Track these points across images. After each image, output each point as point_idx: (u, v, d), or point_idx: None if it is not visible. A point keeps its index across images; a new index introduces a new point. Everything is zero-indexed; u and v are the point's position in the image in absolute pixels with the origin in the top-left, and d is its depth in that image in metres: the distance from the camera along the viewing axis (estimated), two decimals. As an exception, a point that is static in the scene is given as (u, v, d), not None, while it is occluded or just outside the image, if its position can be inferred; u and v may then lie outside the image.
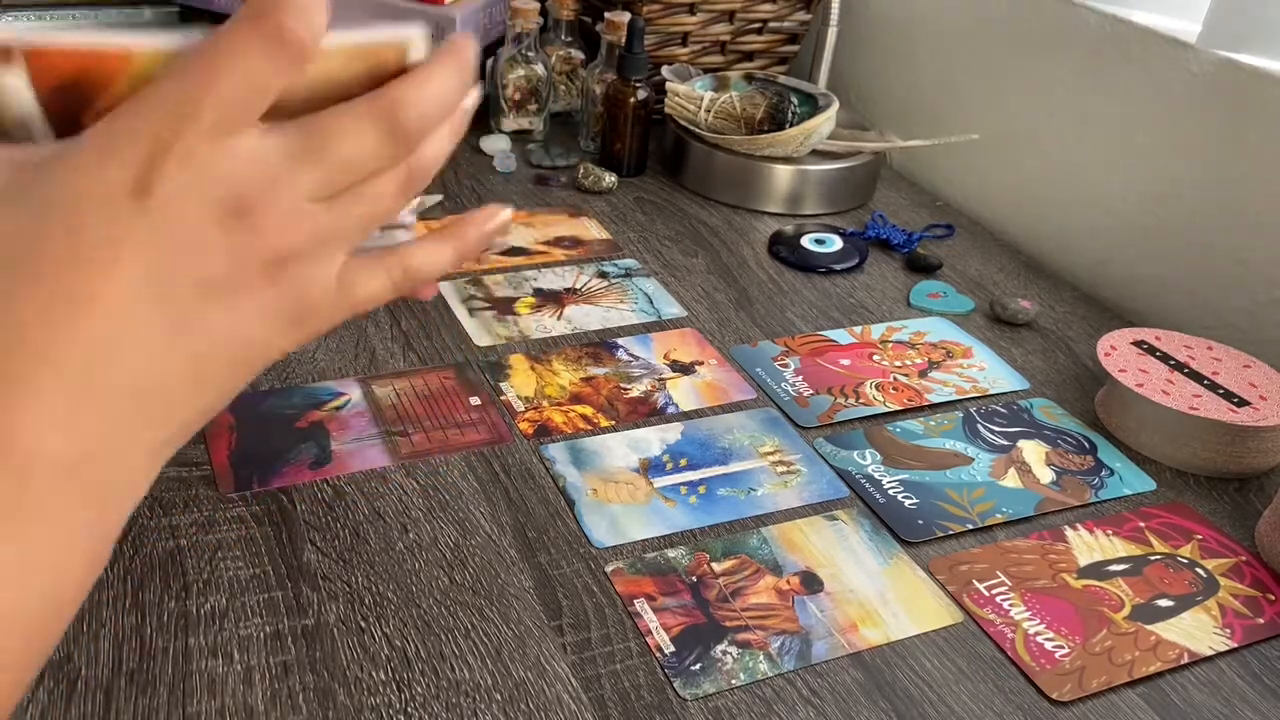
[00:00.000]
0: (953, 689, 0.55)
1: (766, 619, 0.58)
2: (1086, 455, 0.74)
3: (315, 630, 0.54)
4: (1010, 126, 1.08)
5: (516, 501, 0.64)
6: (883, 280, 0.95)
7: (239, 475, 0.64)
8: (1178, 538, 0.67)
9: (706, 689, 0.53)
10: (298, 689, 0.51)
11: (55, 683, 0.50)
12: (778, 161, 1.05)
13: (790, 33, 1.22)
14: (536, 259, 0.93)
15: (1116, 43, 0.95)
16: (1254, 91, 0.85)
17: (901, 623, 0.58)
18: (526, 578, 0.59)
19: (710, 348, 0.82)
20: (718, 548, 0.62)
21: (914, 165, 1.21)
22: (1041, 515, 0.68)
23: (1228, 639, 0.59)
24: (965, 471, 0.71)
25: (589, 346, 0.81)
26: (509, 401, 0.73)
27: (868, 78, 1.27)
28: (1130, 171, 0.96)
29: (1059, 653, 0.57)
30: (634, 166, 1.10)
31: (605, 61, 1.10)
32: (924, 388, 0.79)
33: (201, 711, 0.50)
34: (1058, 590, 0.61)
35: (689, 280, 0.92)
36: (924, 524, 0.66)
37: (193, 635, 0.53)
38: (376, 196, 0.36)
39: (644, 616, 0.57)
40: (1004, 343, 0.87)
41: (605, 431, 0.71)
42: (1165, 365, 0.77)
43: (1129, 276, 0.97)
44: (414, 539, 0.61)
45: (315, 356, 0.76)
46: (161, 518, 0.60)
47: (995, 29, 1.08)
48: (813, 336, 0.85)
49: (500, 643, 0.55)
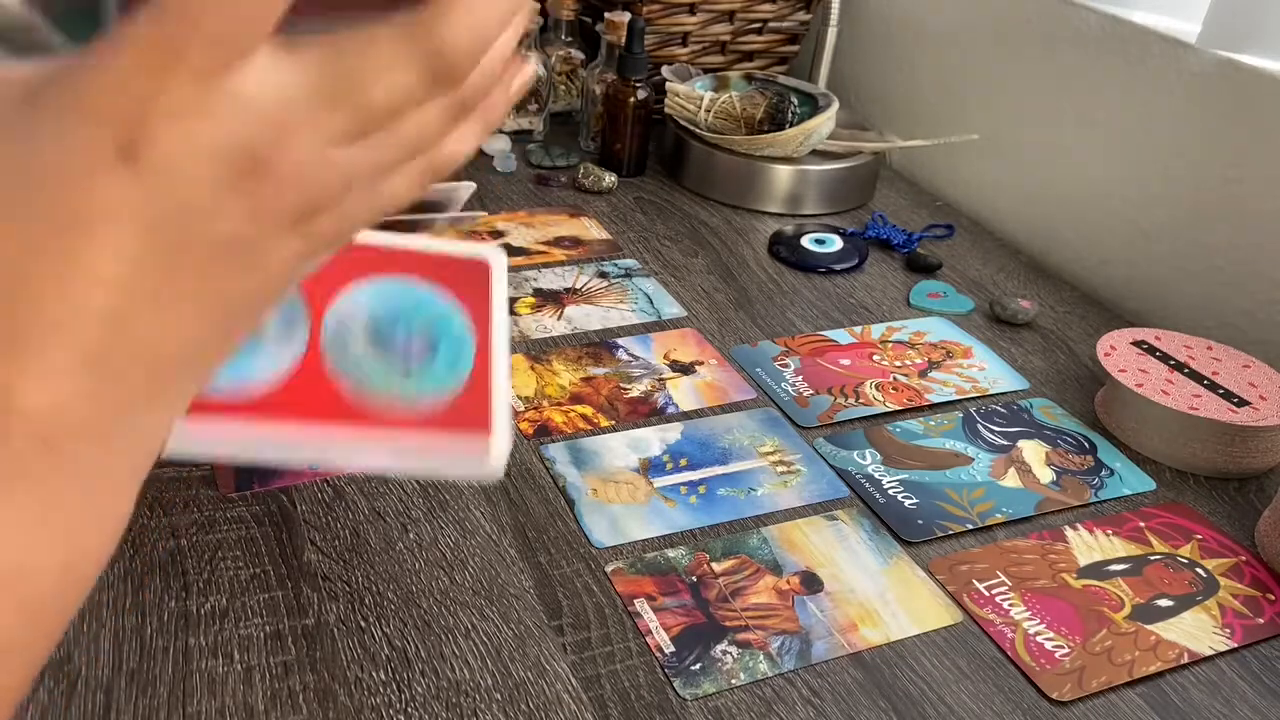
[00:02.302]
0: (953, 689, 0.55)
1: (766, 619, 0.58)
2: (1086, 455, 0.74)
3: (315, 630, 0.54)
4: (1010, 126, 1.08)
5: (516, 501, 0.64)
6: (883, 280, 0.95)
7: (239, 475, 0.64)
8: (1178, 538, 0.67)
9: (706, 689, 0.53)
10: (298, 689, 0.51)
11: (55, 682, 0.50)
12: (778, 161, 1.05)
13: (790, 33, 1.22)
14: (536, 259, 0.93)
15: (1116, 43, 0.95)
16: (1254, 91, 0.85)
17: (901, 623, 0.58)
18: (526, 578, 0.59)
19: (710, 348, 0.82)
20: (718, 548, 0.62)
21: (914, 165, 1.21)
22: (1041, 515, 0.68)
23: (1228, 639, 0.59)
24: (965, 471, 0.71)
25: (589, 346, 0.81)
26: (509, 401, 0.73)
27: (868, 78, 1.27)
28: (1130, 171, 0.96)
29: (1059, 653, 0.57)
30: (634, 166, 1.10)
31: (605, 61, 1.10)
32: (924, 388, 0.79)
33: (201, 711, 0.50)
34: (1058, 590, 0.61)
35: (689, 280, 0.92)
36: (924, 524, 0.66)
37: (193, 635, 0.53)
38: (422, 127, 0.30)
39: (644, 616, 0.57)
40: (1004, 343, 0.87)
41: (605, 431, 0.71)
42: (1165, 365, 0.77)
43: (1129, 276, 0.97)
44: (414, 539, 0.61)
45: (315, 356, 0.76)
46: (161, 518, 0.60)
47: (995, 29, 1.08)
48: (813, 336, 0.85)
49: (500, 643, 0.55)
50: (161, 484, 0.62)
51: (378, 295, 0.49)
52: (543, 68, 1.12)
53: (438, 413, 0.46)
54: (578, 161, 1.10)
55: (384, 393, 0.47)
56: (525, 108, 1.14)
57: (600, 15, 1.12)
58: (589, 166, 1.06)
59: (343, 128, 0.28)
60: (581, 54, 1.17)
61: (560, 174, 1.09)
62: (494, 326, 0.49)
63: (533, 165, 1.10)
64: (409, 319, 0.49)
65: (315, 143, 0.28)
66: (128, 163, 0.27)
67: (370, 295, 0.49)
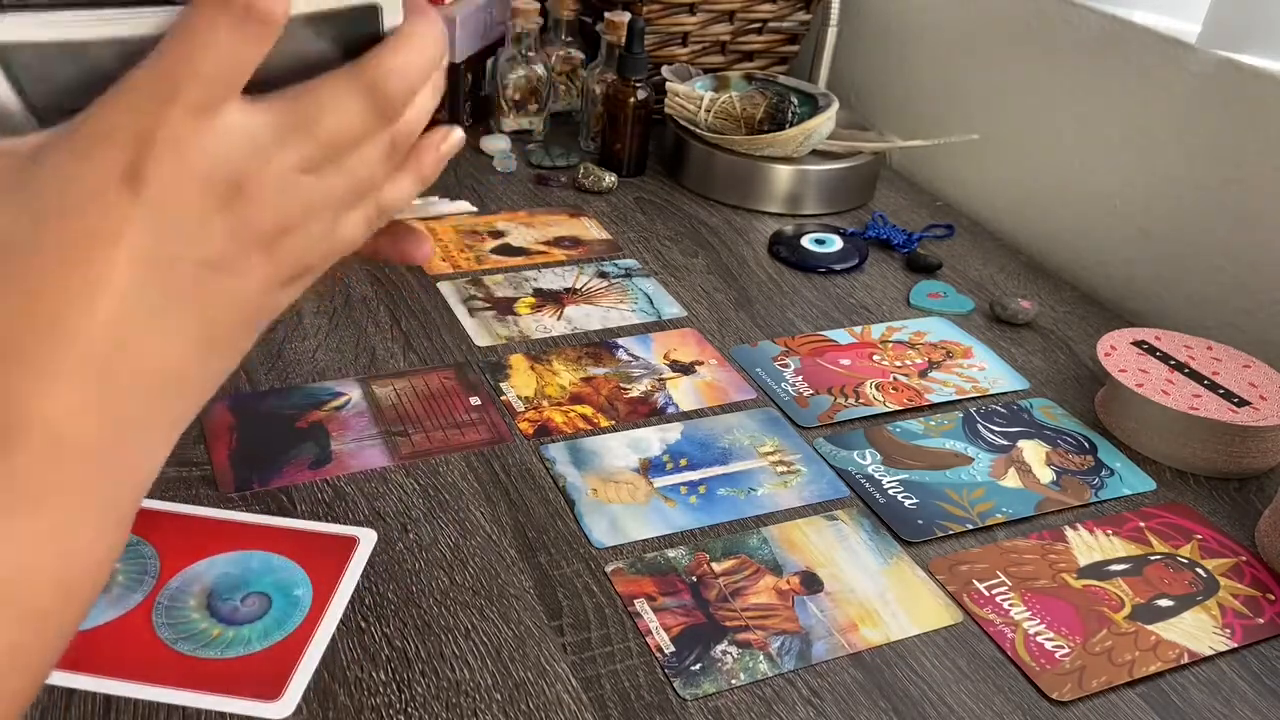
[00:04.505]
0: (953, 689, 0.55)
1: (766, 619, 0.58)
2: (1086, 455, 0.74)
3: (315, 630, 0.54)
4: (1010, 126, 1.08)
5: (516, 501, 0.64)
6: (883, 280, 0.95)
7: (239, 475, 0.64)
8: (1178, 538, 0.67)
9: (706, 689, 0.53)
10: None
11: (55, 682, 0.50)
12: (778, 161, 1.05)
13: (790, 33, 1.22)
14: (536, 259, 0.93)
15: (1116, 43, 0.95)
16: (1254, 91, 0.85)
17: (901, 623, 0.58)
18: (526, 578, 0.59)
19: (710, 348, 0.82)
20: (718, 548, 0.62)
21: (914, 165, 1.21)
22: (1041, 515, 0.68)
23: (1228, 639, 0.59)
24: (965, 471, 0.71)
25: (589, 346, 0.81)
26: (509, 401, 0.73)
27: (868, 78, 1.27)
28: (1130, 171, 0.96)
29: (1059, 653, 0.57)
30: (634, 166, 1.10)
31: (605, 61, 1.10)
32: (924, 388, 0.79)
33: (201, 711, 0.50)
34: (1058, 590, 0.61)
35: (689, 280, 0.92)
36: (924, 524, 0.66)
37: (193, 635, 0.53)
38: (364, 164, 0.36)
39: (644, 616, 0.57)
40: (1004, 343, 0.87)
41: (605, 431, 0.71)
42: (1165, 365, 0.77)
43: (1129, 276, 0.97)
44: (414, 539, 0.61)
45: (315, 356, 0.76)
46: (161, 518, 0.60)
47: (995, 29, 1.08)
48: (813, 336, 0.85)
49: (500, 643, 0.55)
50: (161, 484, 0.62)
51: (232, 564, 0.57)
52: (543, 68, 1.12)
53: (236, 675, 0.51)
54: (578, 161, 1.10)
55: (192, 654, 0.52)
56: (525, 108, 1.14)
57: (600, 15, 1.12)
58: (589, 166, 1.06)
59: (304, 155, 0.34)
60: (581, 54, 1.17)
61: (560, 174, 1.09)
62: (334, 598, 0.56)
63: (533, 165, 1.10)
64: (253, 584, 0.55)
65: (283, 169, 0.33)
66: (131, 185, 0.31)
67: (225, 563, 0.57)
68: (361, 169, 0.36)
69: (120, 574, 0.55)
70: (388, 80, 0.35)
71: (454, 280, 0.88)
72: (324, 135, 0.34)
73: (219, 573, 0.56)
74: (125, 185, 0.31)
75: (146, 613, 0.53)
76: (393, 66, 0.35)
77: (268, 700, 0.50)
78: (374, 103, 0.35)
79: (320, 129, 0.34)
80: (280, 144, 0.33)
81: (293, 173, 0.34)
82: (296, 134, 0.33)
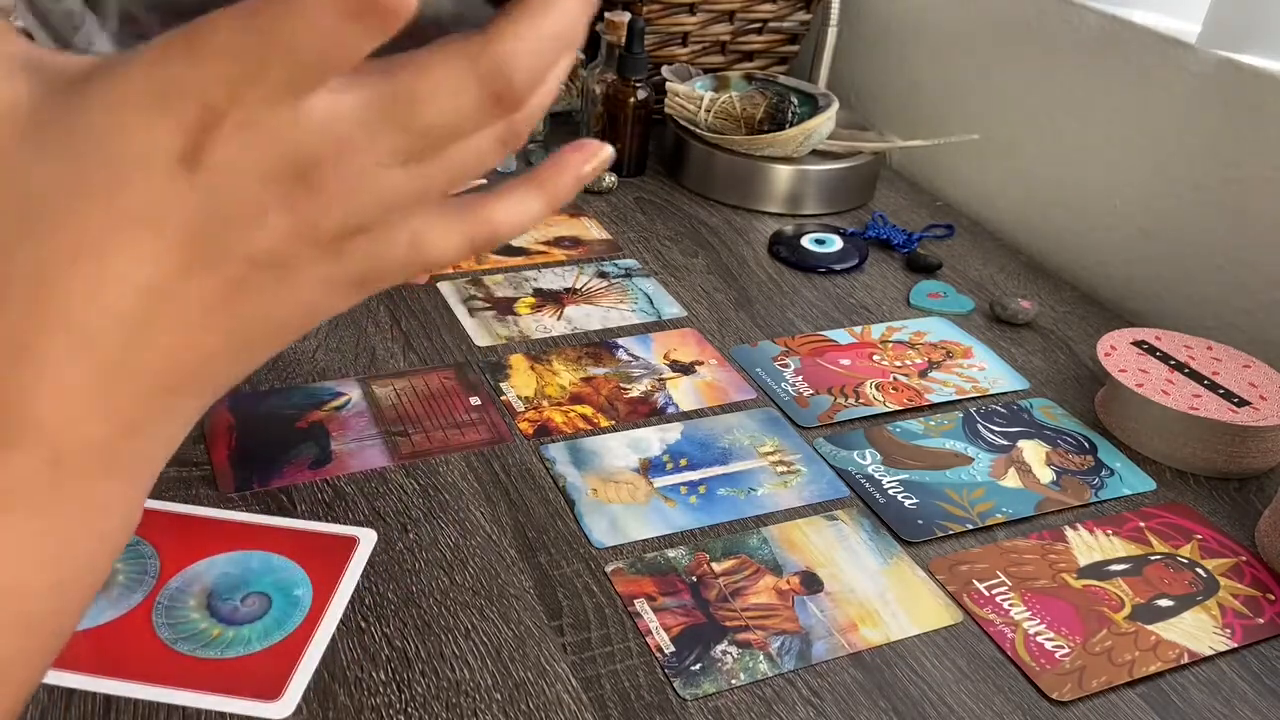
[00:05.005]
0: (953, 689, 0.55)
1: (766, 619, 0.58)
2: (1086, 455, 0.74)
3: (315, 630, 0.54)
4: (1010, 126, 1.08)
5: (516, 501, 0.64)
6: (883, 280, 0.95)
7: (239, 475, 0.64)
8: (1178, 538, 0.67)
9: (706, 689, 0.53)
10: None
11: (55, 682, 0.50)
12: (778, 161, 1.05)
13: (790, 33, 1.22)
14: (536, 259, 0.93)
15: (1116, 43, 0.95)
16: (1254, 91, 0.85)
17: (901, 623, 0.58)
18: (526, 578, 0.59)
19: (710, 348, 0.82)
20: (718, 548, 0.62)
21: (914, 165, 1.21)
22: (1041, 515, 0.68)
23: (1228, 639, 0.59)
24: (965, 471, 0.71)
25: (589, 346, 0.81)
26: (509, 401, 0.73)
27: (868, 78, 1.27)
28: (1130, 171, 0.96)
29: (1059, 653, 0.57)
30: (634, 166, 1.10)
31: (605, 61, 1.10)
32: (924, 388, 0.79)
33: (201, 711, 0.50)
34: (1058, 590, 0.61)
35: (689, 280, 0.92)
36: (924, 524, 0.66)
37: (193, 635, 0.53)
38: (472, 155, 0.30)
39: (644, 616, 0.57)
40: (1004, 343, 0.87)
41: (605, 431, 0.71)
42: (1165, 365, 0.77)
43: (1129, 276, 0.97)
44: (414, 539, 0.61)
45: (315, 357, 0.76)
46: (161, 518, 0.60)
47: (995, 29, 1.08)
48: (813, 336, 0.85)
49: (500, 643, 0.55)
50: (161, 484, 0.62)
51: (232, 563, 0.57)
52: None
53: (236, 675, 0.51)
54: (578, 161, 1.09)
55: (192, 654, 0.52)
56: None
57: (600, 15, 1.12)
58: (589, 166, 1.06)
59: (394, 148, 0.28)
60: (581, 54, 1.17)
61: (560, 174, 1.08)
62: (334, 598, 0.55)
63: (532, 165, 1.10)
64: (253, 584, 0.56)
65: (366, 162, 0.28)
66: (187, 167, 0.26)
67: (225, 563, 0.57)
68: (466, 161, 0.30)
69: (120, 574, 0.55)
70: (513, 66, 0.28)
71: (454, 280, 0.88)
72: (425, 126, 0.28)
73: (219, 573, 0.56)
74: (181, 164, 0.26)
75: (146, 613, 0.53)
76: (520, 49, 0.28)
77: (268, 700, 0.50)
78: (493, 94, 0.28)
79: (422, 119, 0.28)
80: (368, 134, 0.27)
81: (378, 165, 0.28)
82: (393, 124, 0.28)
